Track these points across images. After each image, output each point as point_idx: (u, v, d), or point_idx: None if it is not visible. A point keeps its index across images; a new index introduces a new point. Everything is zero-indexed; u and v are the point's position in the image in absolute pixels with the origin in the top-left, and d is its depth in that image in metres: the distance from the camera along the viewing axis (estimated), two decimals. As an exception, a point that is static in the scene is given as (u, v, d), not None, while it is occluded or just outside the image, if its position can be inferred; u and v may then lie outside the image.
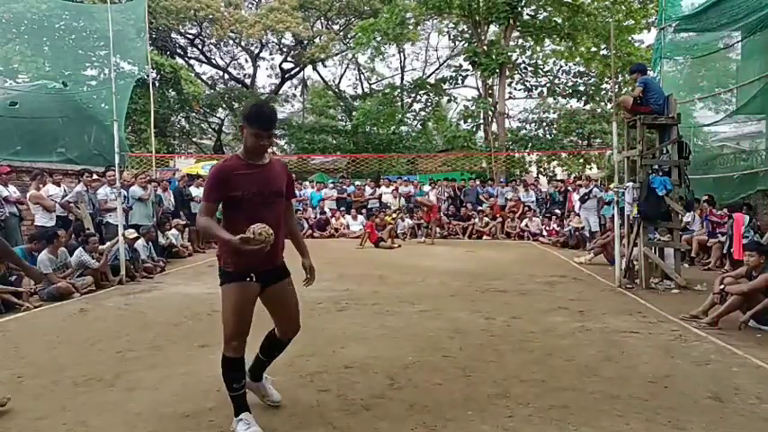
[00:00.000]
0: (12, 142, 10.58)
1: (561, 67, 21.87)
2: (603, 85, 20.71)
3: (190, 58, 27.36)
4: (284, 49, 27.42)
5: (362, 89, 29.64)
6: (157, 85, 19.86)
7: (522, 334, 4.82)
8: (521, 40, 22.20)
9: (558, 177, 19.98)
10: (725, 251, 8.64)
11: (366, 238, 12.27)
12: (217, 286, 2.89)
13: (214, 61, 28.28)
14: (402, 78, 28.37)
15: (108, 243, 7.86)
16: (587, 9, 18.80)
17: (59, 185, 8.88)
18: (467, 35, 22.99)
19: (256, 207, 2.71)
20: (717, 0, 8.95)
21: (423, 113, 25.43)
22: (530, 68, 21.39)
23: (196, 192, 11.85)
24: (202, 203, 2.80)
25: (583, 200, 11.32)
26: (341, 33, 27.43)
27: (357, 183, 17.50)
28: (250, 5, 27.16)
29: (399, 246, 12.23)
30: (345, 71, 30.44)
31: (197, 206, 11.70)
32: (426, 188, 15.96)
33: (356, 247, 11.94)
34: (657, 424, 2.95)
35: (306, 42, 26.14)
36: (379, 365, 3.94)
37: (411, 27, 21.96)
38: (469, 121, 21.57)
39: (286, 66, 28.13)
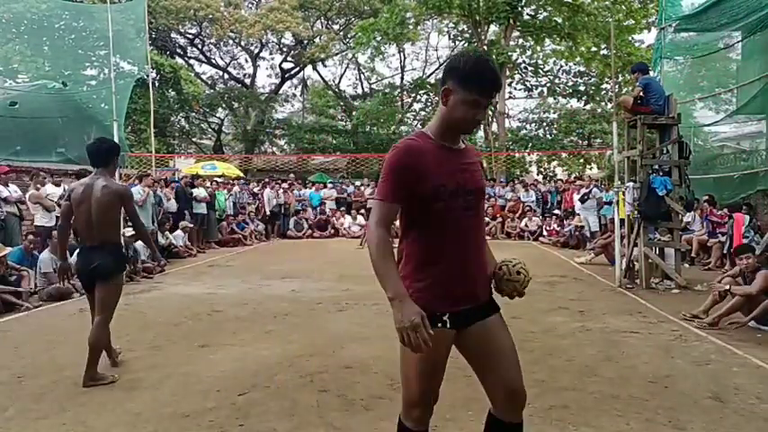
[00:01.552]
0: (12, 142, 10.59)
1: (561, 66, 21.92)
2: (603, 85, 20.76)
3: (190, 57, 27.37)
4: (284, 49, 27.44)
5: (362, 89, 29.68)
6: (157, 84, 19.87)
7: (522, 334, 4.81)
8: (521, 40, 22.23)
9: (558, 177, 19.98)
10: (725, 251, 8.64)
11: (366, 238, 12.25)
12: (216, 286, 2.86)
13: (214, 61, 28.29)
14: (402, 78, 28.41)
15: None
16: (587, 9, 18.82)
17: (59, 186, 8.86)
18: (467, 35, 23.03)
19: (456, 213, 1.81)
20: (717, 0, 8.95)
21: (423, 113, 25.45)
22: (530, 68, 21.45)
23: (196, 192, 11.85)
24: (377, 203, 1.82)
25: (582, 200, 11.32)
26: (341, 33, 27.43)
27: (357, 183, 17.51)
28: (250, 5, 27.17)
29: None
30: (345, 71, 30.52)
31: (198, 206, 11.70)
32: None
33: (356, 248, 11.94)
34: (657, 424, 2.95)
35: (306, 42, 26.15)
36: (379, 365, 3.93)
37: (411, 27, 21.99)
38: (470, 120, 21.55)
39: (286, 66, 28.15)
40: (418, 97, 25.11)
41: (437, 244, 1.81)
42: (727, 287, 5.10)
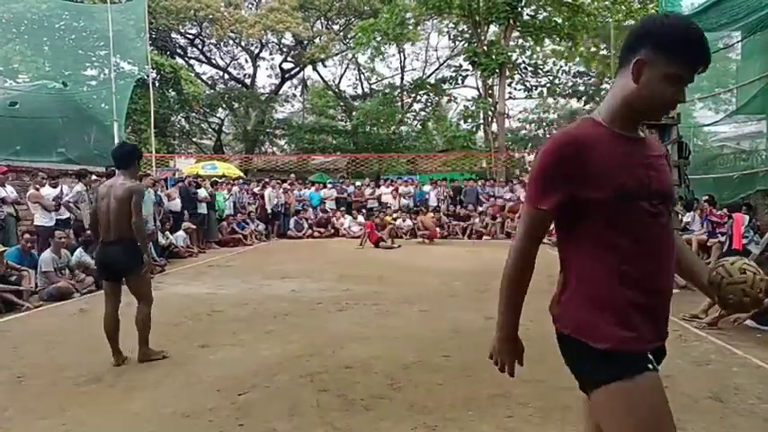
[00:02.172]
0: (12, 142, 10.58)
1: (561, 67, 21.91)
2: (603, 86, 20.76)
3: (190, 58, 27.38)
4: (284, 49, 27.45)
5: (362, 89, 29.68)
6: (157, 85, 19.87)
7: (521, 334, 4.81)
8: (521, 40, 22.23)
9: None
10: (725, 251, 8.64)
11: (366, 238, 12.27)
12: (216, 286, 2.84)
13: (214, 61, 28.29)
14: (402, 78, 28.41)
15: None
16: (587, 9, 18.82)
17: (56, 187, 8.70)
18: (467, 35, 23.02)
19: (638, 217, 1.40)
20: (717, 0, 8.96)
21: (423, 113, 25.49)
22: (530, 68, 21.44)
23: (199, 191, 11.84)
24: (524, 211, 1.49)
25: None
26: (341, 33, 27.44)
27: (357, 183, 17.53)
28: (250, 5, 27.18)
29: (399, 246, 12.23)
30: (345, 71, 30.51)
31: (199, 205, 11.70)
32: (426, 188, 15.97)
33: (356, 248, 11.94)
34: (657, 424, 2.95)
35: (306, 42, 26.16)
36: (379, 365, 3.93)
37: (411, 27, 21.98)
38: (469, 121, 21.61)
39: (286, 66, 28.16)
40: (418, 97, 25.09)
41: (615, 262, 1.39)
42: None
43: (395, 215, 14.33)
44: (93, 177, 9.52)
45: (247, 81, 28.41)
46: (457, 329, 4.98)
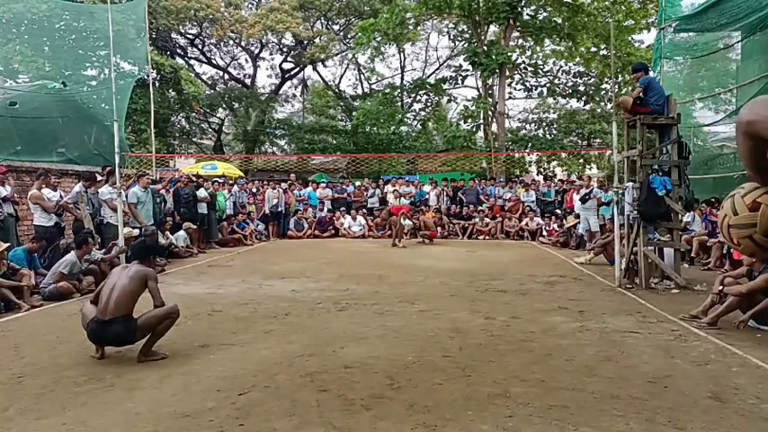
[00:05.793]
0: (12, 142, 10.57)
1: (561, 67, 21.91)
2: (603, 85, 20.75)
3: (190, 58, 27.37)
4: (284, 50, 27.44)
5: (362, 89, 29.67)
6: (157, 85, 19.86)
7: (522, 334, 4.82)
8: (521, 41, 22.22)
9: (558, 177, 20.00)
10: (725, 251, 8.64)
11: (401, 232, 12.35)
12: (216, 286, 2.84)
13: (214, 61, 28.28)
14: (402, 78, 28.41)
15: (115, 249, 7.73)
16: (587, 9, 18.81)
17: (56, 189, 8.54)
18: (467, 35, 23.02)
19: None
20: (717, 0, 8.96)
21: (423, 113, 25.47)
22: (530, 68, 21.42)
23: (198, 192, 11.84)
24: None
25: (583, 200, 11.33)
26: (341, 33, 27.44)
27: (357, 183, 17.52)
28: (250, 5, 27.17)
29: (404, 246, 12.25)
30: (345, 71, 30.51)
31: (199, 206, 11.69)
32: (426, 188, 15.97)
33: (392, 246, 12.11)
34: (657, 424, 2.95)
35: (306, 42, 26.14)
36: (379, 365, 3.94)
37: (411, 27, 21.96)
38: (469, 121, 21.60)
39: (286, 66, 28.14)
40: (418, 97, 25.08)
41: None
42: (721, 287, 5.11)
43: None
44: (99, 178, 9.49)
45: (247, 81, 28.40)
46: (457, 329, 4.98)
